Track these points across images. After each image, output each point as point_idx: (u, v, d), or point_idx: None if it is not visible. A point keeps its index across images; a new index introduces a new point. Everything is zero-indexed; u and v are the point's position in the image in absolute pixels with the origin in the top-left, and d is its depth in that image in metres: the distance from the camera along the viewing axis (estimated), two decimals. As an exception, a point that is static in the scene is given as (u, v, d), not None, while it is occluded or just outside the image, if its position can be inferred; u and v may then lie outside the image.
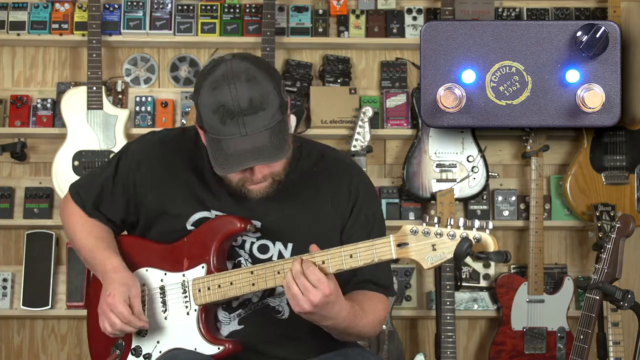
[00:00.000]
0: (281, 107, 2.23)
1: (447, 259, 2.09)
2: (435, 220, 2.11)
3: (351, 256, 2.17)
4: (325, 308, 2.18)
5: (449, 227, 2.09)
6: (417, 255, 2.12)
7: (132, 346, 2.41)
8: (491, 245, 2.06)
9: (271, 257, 2.38)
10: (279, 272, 2.25)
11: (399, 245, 2.13)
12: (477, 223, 2.08)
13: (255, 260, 2.38)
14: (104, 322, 2.34)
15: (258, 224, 2.38)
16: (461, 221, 2.08)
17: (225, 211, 2.38)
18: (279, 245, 2.39)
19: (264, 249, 2.39)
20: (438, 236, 2.09)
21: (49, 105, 4.47)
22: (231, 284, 2.30)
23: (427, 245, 2.10)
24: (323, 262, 2.18)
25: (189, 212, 2.40)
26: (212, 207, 2.39)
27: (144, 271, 2.43)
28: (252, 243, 2.39)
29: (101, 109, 4.30)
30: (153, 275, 2.42)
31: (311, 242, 2.26)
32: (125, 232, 2.57)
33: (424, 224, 2.12)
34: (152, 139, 2.52)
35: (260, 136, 2.19)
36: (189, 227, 2.40)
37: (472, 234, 2.07)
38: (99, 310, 2.36)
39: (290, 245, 2.39)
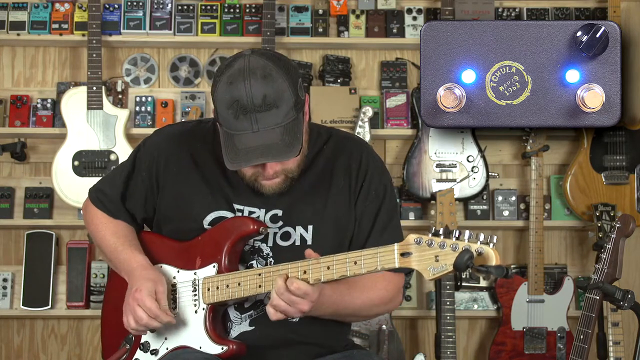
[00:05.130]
0: (296, 106, 2.23)
1: (448, 271, 2.07)
2: (441, 231, 2.10)
3: (355, 263, 2.18)
4: (318, 310, 2.27)
5: (453, 238, 2.07)
6: (419, 265, 2.11)
7: (141, 341, 2.41)
8: (493, 259, 2.03)
9: (294, 242, 2.39)
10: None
11: (402, 254, 2.13)
12: (482, 236, 2.06)
13: (278, 249, 2.39)
14: (129, 318, 2.33)
15: (270, 231, 2.39)
16: (467, 234, 2.07)
17: (244, 201, 2.39)
18: (300, 229, 2.40)
19: (286, 236, 2.40)
20: (441, 247, 2.08)
21: (49, 105, 4.47)
22: (239, 284, 2.31)
23: (430, 256, 2.09)
24: (328, 268, 2.20)
25: (206, 210, 2.41)
26: (231, 199, 2.40)
27: (158, 268, 2.44)
28: (275, 233, 2.40)
29: (101, 109, 4.30)
30: (166, 273, 2.42)
31: (330, 222, 2.36)
32: (145, 227, 2.58)
33: (430, 234, 2.11)
34: (170, 131, 2.52)
35: (271, 133, 2.20)
36: (206, 225, 2.41)
37: (475, 247, 2.04)
38: (124, 306, 2.36)
39: (310, 228, 2.39)
